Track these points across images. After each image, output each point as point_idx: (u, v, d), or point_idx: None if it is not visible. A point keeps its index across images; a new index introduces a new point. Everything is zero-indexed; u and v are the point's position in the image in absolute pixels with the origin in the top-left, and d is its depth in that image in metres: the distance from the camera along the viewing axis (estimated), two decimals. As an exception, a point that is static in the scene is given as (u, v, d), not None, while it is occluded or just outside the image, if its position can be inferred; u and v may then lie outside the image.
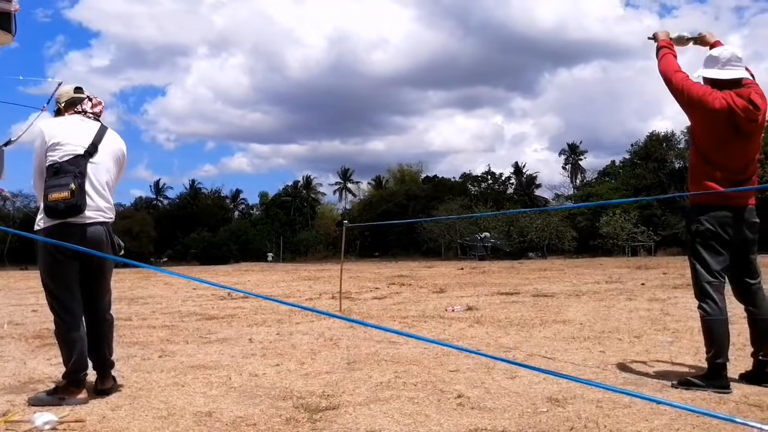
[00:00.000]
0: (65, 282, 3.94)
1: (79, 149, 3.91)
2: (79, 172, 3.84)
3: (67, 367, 3.95)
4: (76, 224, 3.86)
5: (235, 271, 30.57)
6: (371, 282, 16.49)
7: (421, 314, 8.63)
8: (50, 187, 3.78)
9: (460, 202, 65.75)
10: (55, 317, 3.97)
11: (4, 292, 13.66)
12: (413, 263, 38.04)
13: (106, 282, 4.19)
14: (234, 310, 9.60)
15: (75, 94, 4.13)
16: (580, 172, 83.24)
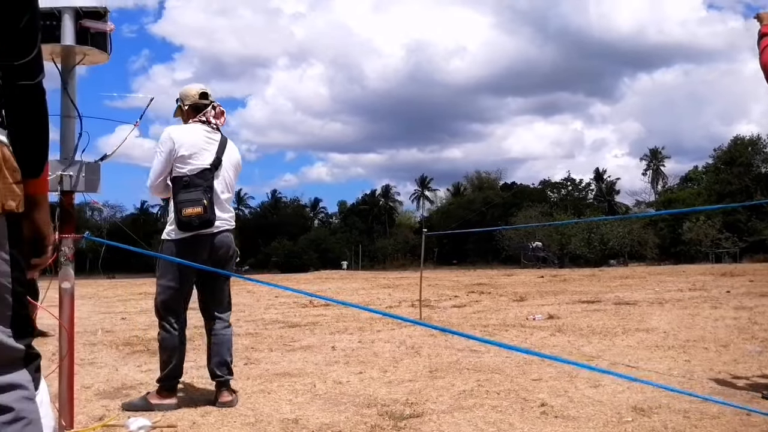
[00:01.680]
0: (183, 292, 4.14)
1: (206, 163, 4.07)
2: (208, 186, 4.02)
3: (163, 373, 4.12)
4: (207, 234, 4.06)
5: (315, 278, 31.01)
6: (450, 290, 16.46)
7: (502, 323, 8.58)
8: (182, 202, 3.96)
9: (540, 209, 64.85)
10: (163, 323, 4.14)
11: (94, 301, 14.27)
12: (492, 271, 37.72)
13: (228, 289, 4.37)
14: (316, 317, 9.77)
15: (200, 100, 4.23)
16: (662, 177, 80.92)
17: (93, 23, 2.89)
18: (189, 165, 4.03)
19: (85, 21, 2.87)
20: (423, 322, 8.59)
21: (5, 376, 1.52)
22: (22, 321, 1.57)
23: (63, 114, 2.98)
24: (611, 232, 59.25)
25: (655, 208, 66.66)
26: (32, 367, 1.59)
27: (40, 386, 1.63)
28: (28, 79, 1.55)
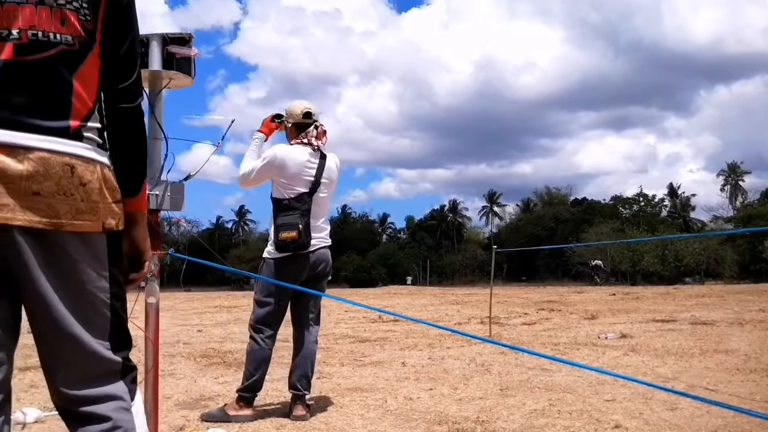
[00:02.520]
0: (279, 309, 4.28)
1: (305, 187, 4.22)
2: (305, 210, 4.17)
3: (244, 384, 4.25)
4: (303, 254, 4.21)
5: (383, 294, 31.10)
6: (520, 307, 16.28)
7: (573, 341, 8.46)
8: (280, 226, 4.13)
9: (611, 225, 63.42)
10: (255, 336, 4.29)
11: (171, 313, 14.67)
12: (562, 288, 37.08)
13: (319, 305, 4.50)
14: (385, 333, 9.83)
15: (303, 119, 4.35)
16: (741, 193, 78.04)
17: (178, 49, 3.03)
18: (289, 189, 4.19)
19: (171, 47, 3.01)
20: (492, 339, 8.54)
21: (104, 388, 1.62)
22: (120, 335, 1.66)
23: (150, 136, 3.13)
24: (686, 248, 57.39)
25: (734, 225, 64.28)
26: (128, 378, 1.69)
27: (136, 397, 1.72)
28: (128, 102, 1.66)
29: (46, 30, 1.51)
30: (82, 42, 1.55)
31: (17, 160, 1.47)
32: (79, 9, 1.54)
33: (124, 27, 1.63)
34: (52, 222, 1.51)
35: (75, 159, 1.54)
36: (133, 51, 1.67)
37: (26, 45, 1.50)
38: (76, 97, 1.55)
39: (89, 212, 1.55)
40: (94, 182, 1.56)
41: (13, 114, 1.49)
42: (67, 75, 1.54)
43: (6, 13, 1.49)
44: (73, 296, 1.56)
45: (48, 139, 1.51)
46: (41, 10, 1.51)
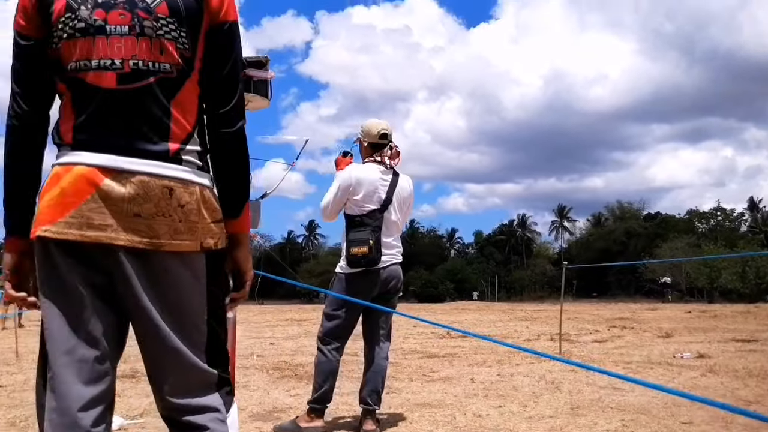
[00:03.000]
0: (348, 323, 4.36)
1: (377, 204, 4.30)
2: (376, 226, 4.25)
3: (314, 396, 4.33)
4: (374, 270, 4.27)
5: (451, 309, 30.95)
6: (591, 324, 15.96)
7: (646, 360, 8.25)
8: (351, 242, 4.23)
9: (686, 241, 61.58)
10: (323, 348, 4.36)
11: (244, 326, 14.95)
12: (634, 305, 36.15)
13: (390, 321, 4.55)
14: (454, 348, 9.80)
15: (379, 140, 4.42)
16: (829, 206, 74.66)
17: (256, 72, 3.13)
18: (361, 206, 4.27)
19: (249, 70, 3.12)
20: (562, 357, 8.41)
21: (202, 399, 1.69)
22: (216, 351, 1.73)
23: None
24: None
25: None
26: (224, 391, 1.75)
27: (231, 409, 1.78)
28: (228, 127, 1.71)
29: (146, 59, 1.59)
30: (179, 69, 1.63)
31: (120, 183, 1.57)
32: (177, 38, 1.62)
33: (222, 54, 1.69)
34: (152, 242, 1.58)
35: (173, 182, 1.61)
36: (232, 77, 1.71)
37: (128, 74, 1.59)
38: (174, 122, 1.63)
39: (187, 232, 1.62)
40: (192, 203, 1.63)
41: (117, 139, 1.58)
42: (165, 101, 1.62)
43: (110, 44, 1.59)
44: (173, 312, 1.63)
45: (148, 163, 1.59)
46: (142, 40, 1.59)
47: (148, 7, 1.60)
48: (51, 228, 1.57)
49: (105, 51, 1.59)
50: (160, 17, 1.60)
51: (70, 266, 1.59)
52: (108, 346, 1.65)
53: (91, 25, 1.59)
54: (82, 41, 1.59)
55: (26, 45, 1.66)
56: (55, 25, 1.61)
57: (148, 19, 1.60)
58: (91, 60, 1.59)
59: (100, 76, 1.59)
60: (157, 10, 1.60)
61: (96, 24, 1.59)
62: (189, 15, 1.63)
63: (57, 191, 1.58)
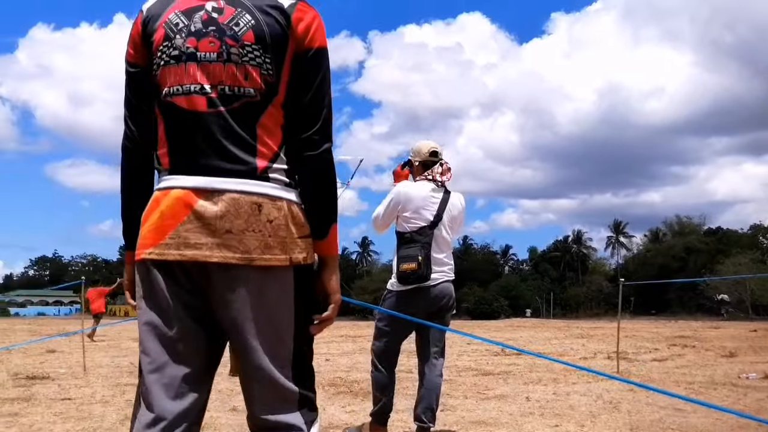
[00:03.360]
0: (398, 338, 4.39)
1: (427, 221, 4.32)
2: (425, 242, 4.26)
3: (376, 407, 4.37)
4: (424, 287, 4.29)
5: (506, 326, 30.69)
6: (649, 342, 15.62)
7: (709, 380, 8.03)
8: (401, 258, 4.27)
9: (750, 256, 59.77)
10: (375, 363, 4.40)
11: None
12: (695, 323, 35.27)
13: (443, 337, 4.53)
14: (508, 366, 9.70)
15: (429, 158, 4.47)
16: None
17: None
18: (411, 223, 4.29)
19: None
20: (620, 376, 8.25)
21: (283, 416, 1.73)
22: (300, 368, 1.77)
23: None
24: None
25: None
26: (306, 409, 1.78)
27: (313, 428, 1.80)
28: (311, 150, 1.74)
29: (232, 85, 1.67)
30: (263, 94, 1.70)
31: (212, 202, 1.65)
32: (261, 65, 1.68)
33: (306, 80, 1.74)
34: (244, 257, 1.65)
35: (262, 198, 1.67)
36: (316, 102, 1.75)
37: (216, 98, 1.67)
38: (260, 143, 1.70)
39: (277, 247, 1.67)
40: (281, 219, 1.69)
41: (207, 161, 1.67)
42: (251, 123, 1.69)
43: (200, 70, 1.68)
44: (262, 327, 1.69)
45: (237, 181, 1.66)
46: (229, 67, 1.67)
47: (235, 35, 1.68)
48: (154, 250, 1.67)
49: (195, 77, 1.68)
50: (246, 44, 1.68)
51: (167, 286, 1.68)
52: (198, 364, 1.72)
53: (184, 52, 1.69)
54: (176, 68, 1.70)
55: (134, 72, 1.79)
56: (155, 53, 1.72)
57: (234, 46, 1.68)
58: (182, 85, 1.69)
59: (191, 101, 1.68)
60: (243, 38, 1.68)
61: (188, 51, 1.69)
62: (274, 42, 1.69)
63: (157, 215, 1.68)
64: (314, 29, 1.74)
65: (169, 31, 1.71)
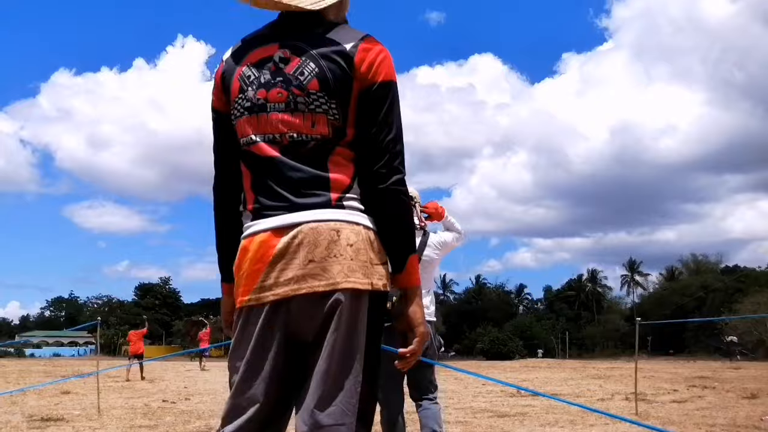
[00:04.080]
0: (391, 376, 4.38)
1: None
2: None
3: None
4: None
5: (521, 367, 30.34)
6: (668, 383, 15.40)
7: (731, 422, 7.90)
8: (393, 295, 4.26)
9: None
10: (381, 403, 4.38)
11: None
12: (714, 363, 34.76)
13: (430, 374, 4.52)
14: (524, 408, 9.59)
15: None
16: None
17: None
18: None
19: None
20: (639, 421, 8.14)
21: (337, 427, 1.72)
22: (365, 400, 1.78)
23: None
24: None
25: None
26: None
27: None
28: (381, 183, 1.78)
29: (301, 132, 1.76)
30: (331, 138, 1.77)
31: (292, 236, 1.72)
32: (328, 111, 1.75)
33: (372, 114, 1.78)
34: (330, 284, 1.70)
35: (339, 223, 1.73)
36: (382, 135, 1.78)
37: (287, 145, 1.76)
38: (332, 177, 1.77)
39: (359, 270, 1.72)
40: (360, 243, 1.74)
41: (284, 201, 1.75)
42: (322, 161, 1.76)
43: (270, 120, 1.77)
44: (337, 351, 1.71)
45: (314, 212, 1.73)
46: (296, 115, 1.76)
47: (301, 84, 1.75)
48: (251, 297, 1.74)
49: (267, 126, 1.78)
50: (311, 93, 1.75)
51: (261, 328, 1.73)
52: (278, 407, 1.78)
53: (256, 104, 1.78)
54: (250, 118, 1.80)
55: (217, 117, 1.91)
56: (233, 104, 1.83)
57: (301, 96, 1.75)
58: (256, 135, 1.79)
59: (265, 149, 1.77)
60: (308, 86, 1.75)
61: (259, 102, 1.78)
62: (338, 87, 1.75)
63: (247, 263, 1.76)
64: (377, 64, 1.78)
65: (243, 83, 1.81)
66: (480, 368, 27.81)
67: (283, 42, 1.80)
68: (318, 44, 1.77)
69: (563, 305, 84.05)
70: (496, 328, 71.68)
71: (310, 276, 1.69)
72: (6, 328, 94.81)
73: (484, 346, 64.75)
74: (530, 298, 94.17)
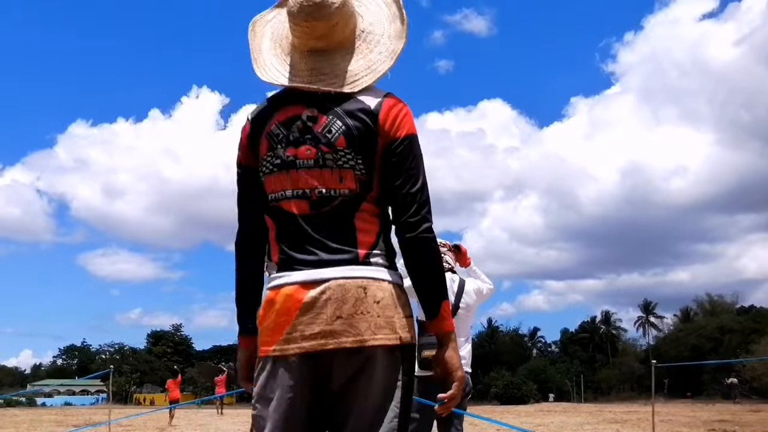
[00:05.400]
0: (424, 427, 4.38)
1: None
2: None
3: None
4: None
5: (536, 411, 29.90)
6: (687, 427, 15.14)
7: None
8: (423, 345, 4.28)
9: (787, 335, 58.02)
10: None
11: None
12: (734, 406, 34.09)
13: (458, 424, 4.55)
14: (541, 454, 9.45)
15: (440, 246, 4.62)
16: None
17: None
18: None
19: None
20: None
21: None
22: None
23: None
24: None
25: None
26: None
27: None
28: (410, 232, 1.86)
29: (329, 187, 1.83)
30: (358, 192, 1.84)
31: (321, 292, 1.77)
32: (354, 166, 1.83)
33: (398, 167, 1.87)
34: (357, 340, 1.75)
35: (366, 280, 1.80)
36: (410, 186, 1.87)
37: (316, 201, 1.83)
38: (360, 233, 1.84)
39: (387, 327, 1.78)
40: (387, 299, 1.80)
41: (312, 256, 1.81)
42: (349, 217, 1.83)
43: (300, 177, 1.84)
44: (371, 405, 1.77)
45: (341, 269, 1.79)
46: (325, 171, 1.83)
47: (329, 142, 1.83)
48: (277, 347, 1.78)
49: (297, 183, 1.84)
50: (339, 149, 1.83)
51: (287, 381, 1.77)
52: None
53: (285, 161, 1.85)
54: (279, 175, 1.86)
55: (242, 172, 1.97)
56: (261, 161, 1.90)
57: (329, 152, 1.83)
58: (286, 191, 1.85)
59: (295, 204, 1.84)
60: (336, 144, 1.83)
61: (288, 160, 1.85)
62: (364, 143, 1.84)
63: (273, 315, 1.81)
64: (399, 120, 1.88)
65: (272, 142, 1.88)
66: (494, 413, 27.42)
67: (310, 101, 1.87)
68: (343, 102, 1.86)
69: (577, 347, 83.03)
70: (509, 371, 70.90)
71: (338, 332, 1.74)
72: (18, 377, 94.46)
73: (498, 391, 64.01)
74: (543, 341, 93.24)
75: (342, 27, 1.89)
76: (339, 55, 1.91)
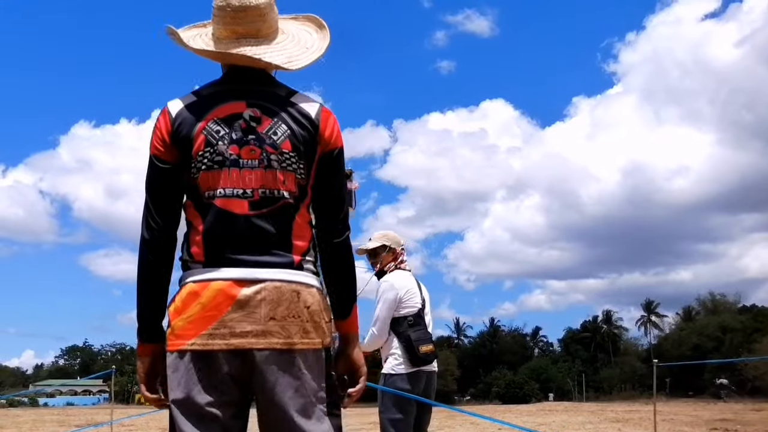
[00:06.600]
0: (408, 424, 4.37)
1: (418, 304, 4.41)
2: (425, 324, 4.39)
3: None
4: (428, 371, 4.35)
5: (537, 411, 29.90)
6: (689, 426, 15.14)
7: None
8: (418, 340, 4.29)
9: (789, 334, 57.98)
10: None
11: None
12: (736, 405, 34.07)
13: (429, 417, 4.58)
14: (542, 453, 9.45)
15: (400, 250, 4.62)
16: None
17: (342, 184, 3.32)
18: (410, 307, 4.37)
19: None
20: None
21: None
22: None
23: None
24: None
25: None
26: None
27: None
28: (337, 237, 1.93)
29: (272, 188, 1.83)
30: (297, 196, 1.87)
31: (256, 291, 1.78)
32: (296, 170, 1.85)
33: (331, 176, 1.93)
34: (287, 342, 1.78)
35: (299, 286, 1.83)
36: (339, 194, 1.96)
37: (257, 201, 1.83)
38: (295, 239, 1.86)
39: (314, 331, 1.82)
40: (315, 304, 1.85)
41: (249, 256, 1.81)
42: (288, 221, 1.86)
43: (243, 177, 1.82)
44: (300, 405, 1.79)
45: (278, 272, 1.81)
46: (269, 173, 1.83)
47: (274, 144, 1.84)
48: (196, 341, 1.76)
49: (238, 181, 1.82)
50: (284, 152, 1.84)
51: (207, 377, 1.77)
52: None
53: (227, 158, 1.83)
54: (218, 172, 1.83)
55: (163, 168, 1.88)
56: (195, 157, 1.84)
57: (274, 154, 1.84)
58: (225, 188, 1.82)
59: (234, 203, 1.82)
60: (282, 146, 1.84)
61: (231, 158, 1.83)
62: (306, 149, 1.87)
63: (197, 308, 1.78)
64: (336, 132, 1.94)
65: (210, 137, 1.83)
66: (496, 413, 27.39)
67: (250, 101, 1.87)
68: (285, 108, 1.88)
69: (579, 347, 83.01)
70: (511, 371, 70.93)
71: (270, 333, 1.76)
72: (21, 377, 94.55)
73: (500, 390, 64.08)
74: (545, 340, 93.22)
75: (270, 20, 1.91)
76: (269, 41, 1.93)
